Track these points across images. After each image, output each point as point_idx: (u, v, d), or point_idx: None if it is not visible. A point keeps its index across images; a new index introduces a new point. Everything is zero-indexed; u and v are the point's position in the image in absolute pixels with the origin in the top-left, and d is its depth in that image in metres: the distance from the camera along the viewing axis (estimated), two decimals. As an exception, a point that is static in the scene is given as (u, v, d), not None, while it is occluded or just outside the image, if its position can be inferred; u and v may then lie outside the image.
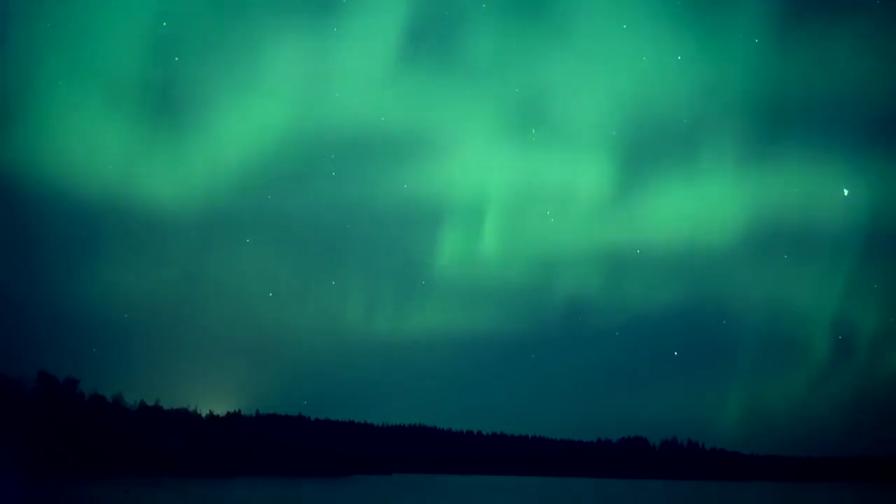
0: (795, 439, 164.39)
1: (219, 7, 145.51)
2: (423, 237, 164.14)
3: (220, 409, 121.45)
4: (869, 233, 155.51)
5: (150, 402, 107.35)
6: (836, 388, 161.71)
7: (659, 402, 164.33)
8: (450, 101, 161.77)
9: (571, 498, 79.22)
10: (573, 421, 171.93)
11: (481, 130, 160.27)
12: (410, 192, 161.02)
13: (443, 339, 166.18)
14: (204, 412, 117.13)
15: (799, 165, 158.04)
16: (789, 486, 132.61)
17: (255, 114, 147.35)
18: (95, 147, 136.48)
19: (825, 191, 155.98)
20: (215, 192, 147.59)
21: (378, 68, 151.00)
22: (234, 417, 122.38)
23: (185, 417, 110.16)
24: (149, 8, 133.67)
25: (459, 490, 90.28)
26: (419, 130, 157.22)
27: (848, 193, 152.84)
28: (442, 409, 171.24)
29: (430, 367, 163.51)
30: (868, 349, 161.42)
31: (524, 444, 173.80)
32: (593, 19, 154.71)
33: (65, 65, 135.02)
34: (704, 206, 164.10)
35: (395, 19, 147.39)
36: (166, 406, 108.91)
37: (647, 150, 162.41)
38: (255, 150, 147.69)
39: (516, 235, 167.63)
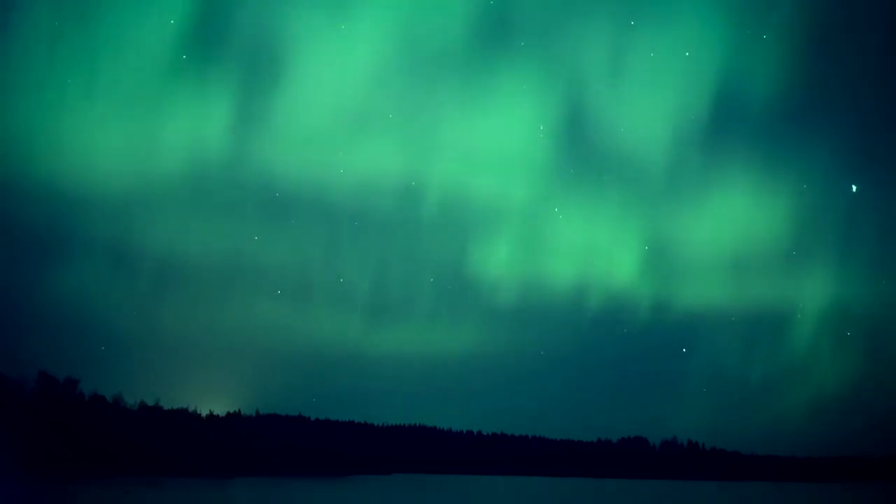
0: (795, 439, 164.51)
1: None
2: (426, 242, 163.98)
3: (220, 409, 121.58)
4: (877, 230, 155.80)
5: (150, 402, 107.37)
6: (838, 388, 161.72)
7: (659, 403, 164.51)
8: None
9: (572, 498, 79.14)
10: (573, 421, 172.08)
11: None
12: (414, 191, 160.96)
13: (443, 341, 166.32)
14: (204, 412, 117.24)
15: (806, 162, 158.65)
16: (789, 486, 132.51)
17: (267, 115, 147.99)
18: (98, 145, 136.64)
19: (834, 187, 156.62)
20: (221, 190, 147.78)
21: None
22: (234, 417, 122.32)
23: (185, 417, 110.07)
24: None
25: (459, 490, 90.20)
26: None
27: (856, 190, 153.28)
28: (442, 409, 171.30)
29: (430, 367, 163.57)
30: (871, 348, 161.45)
31: (524, 444, 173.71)
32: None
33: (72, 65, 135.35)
34: (704, 203, 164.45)
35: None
36: (166, 406, 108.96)
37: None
38: (263, 147, 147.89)
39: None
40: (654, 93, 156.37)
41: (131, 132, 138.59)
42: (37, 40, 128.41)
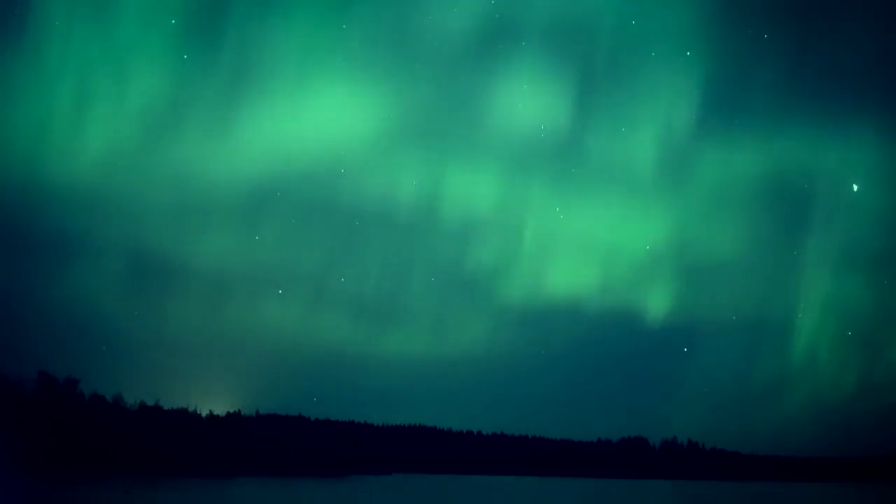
0: (796, 439, 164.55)
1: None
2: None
3: (220, 409, 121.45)
4: (877, 229, 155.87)
5: (150, 402, 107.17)
6: (838, 388, 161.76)
7: (659, 403, 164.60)
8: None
9: (571, 498, 79.14)
10: (573, 421, 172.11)
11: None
12: (415, 190, 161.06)
13: (444, 341, 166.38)
14: (204, 412, 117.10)
15: (807, 162, 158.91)
16: (789, 486, 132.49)
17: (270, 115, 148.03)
18: (102, 147, 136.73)
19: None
20: (223, 189, 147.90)
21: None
22: (234, 417, 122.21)
23: (185, 417, 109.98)
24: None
25: (459, 490, 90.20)
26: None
27: (857, 189, 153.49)
28: (442, 409, 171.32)
29: (430, 367, 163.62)
30: (871, 348, 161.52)
31: (524, 444, 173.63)
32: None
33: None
34: (706, 203, 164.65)
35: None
36: (166, 406, 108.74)
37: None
38: (266, 146, 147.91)
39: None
40: (655, 92, 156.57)
41: (135, 133, 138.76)
42: (50, 41, 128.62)
